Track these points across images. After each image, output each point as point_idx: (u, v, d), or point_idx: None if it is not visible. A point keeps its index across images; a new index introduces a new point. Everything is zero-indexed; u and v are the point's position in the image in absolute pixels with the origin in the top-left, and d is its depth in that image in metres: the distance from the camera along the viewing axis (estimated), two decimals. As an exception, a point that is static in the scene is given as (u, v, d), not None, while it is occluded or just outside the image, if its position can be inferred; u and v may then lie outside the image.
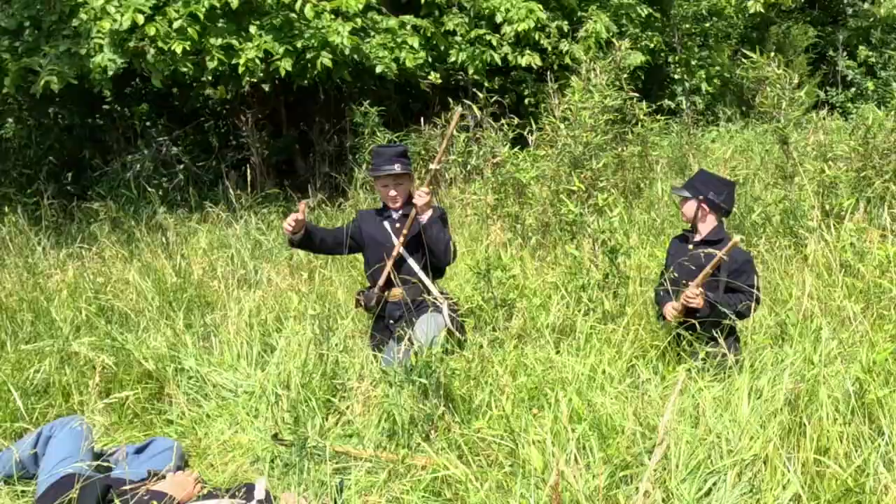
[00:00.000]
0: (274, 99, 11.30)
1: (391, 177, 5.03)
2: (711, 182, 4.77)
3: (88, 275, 6.57)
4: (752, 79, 7.92)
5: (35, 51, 8.52)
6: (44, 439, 3.86)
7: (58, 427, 3.89)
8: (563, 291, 5.54)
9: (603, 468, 3.28)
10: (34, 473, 3.84)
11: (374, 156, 5.12)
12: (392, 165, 4.98)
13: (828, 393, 3.63)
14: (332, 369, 4.62)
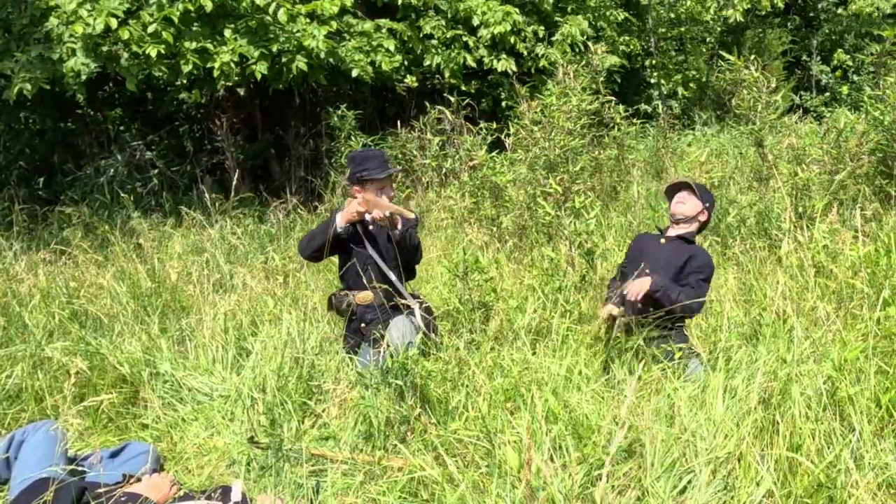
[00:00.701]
0: (249, 103, 11.25)
1: (388, 178, 5.03)
2: (710, 194, 5.04)
3: (61, 279, 6.51)
4: (729, 82, 7.99)
5: (5, 55, 8.44)
6: (16, 444, 3.81)
7: (31, 431, 3.84)
8: (540, 293, 5.55)
9: (578, 467, 3.29)
10: (6, 478, 3.80)
11: (362, 160, 5.02)
12: (388, 168, 5.00)
13: (800, 391, 3.67)
14: (307, 372, 4.61)
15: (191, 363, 5.08)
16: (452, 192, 8.48)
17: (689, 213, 4.86)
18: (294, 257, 7.20)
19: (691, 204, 4.87)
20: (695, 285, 4.63)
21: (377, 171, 4.95)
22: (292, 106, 11.41)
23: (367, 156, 5.05)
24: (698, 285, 4.64)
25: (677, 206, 4.90)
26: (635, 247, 5.07)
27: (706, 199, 4.93)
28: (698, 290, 4.61)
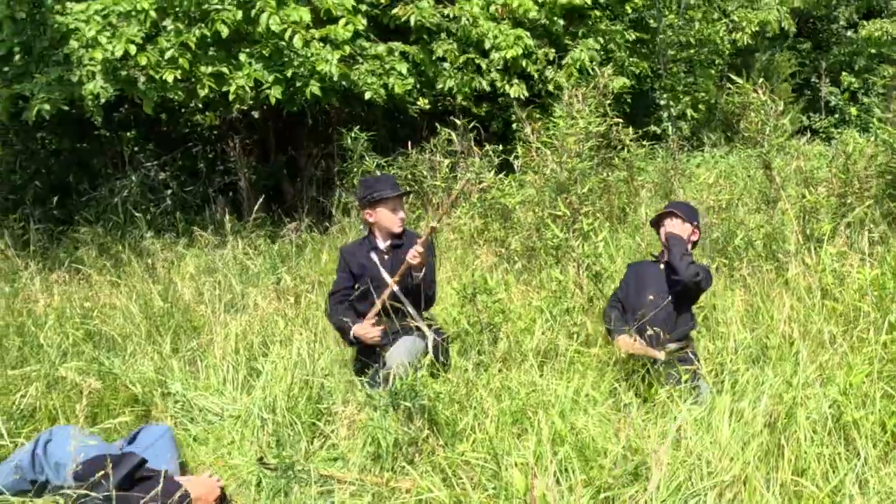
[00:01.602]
0: (262, 124, 11.36)
1: (398, 199, 5.13)
2: (696, 210, 5.14)
3: (75, 300, 6.59)
4: (737, 105, 8.01)
5: (25, 76, 8.56)
6: (42, 442, 3.95)
7: (56, 432, 4.03)
8: (548, 315, 5.59)
9: (584, 490, 3.31)
10: (32, 479, 3.92)
11: (373, 182, 5.18)
12: (398, 188, 5.15)
13: (806, 415, 3.68)
14: (317, 393, 4.65)
15: (202, 383, 5.15)
16: (462, 214, 8.54)
17: (684, 234, 4.90)
18: (305, 278, 7.26)
19: (680, 228, 4.91)
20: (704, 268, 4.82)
21: (389, 190, 5.06)
22: (305, 127, 11.50)
23: (379, 179, 5.28)
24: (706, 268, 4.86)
25: (670, 232, 4.94)
26: (633, 276, 5.11)
27: (693, 219, 5.00)
28: (699, 265, 4.81)
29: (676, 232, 4.87)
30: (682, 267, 4.67)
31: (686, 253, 4.75)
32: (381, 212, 5.13)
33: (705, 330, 5.47)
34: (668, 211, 5.01)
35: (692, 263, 4.73)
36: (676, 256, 4.71)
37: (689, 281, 4.66)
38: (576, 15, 11.65)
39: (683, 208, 5.06)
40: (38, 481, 3.93)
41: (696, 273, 4.66)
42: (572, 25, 11.61)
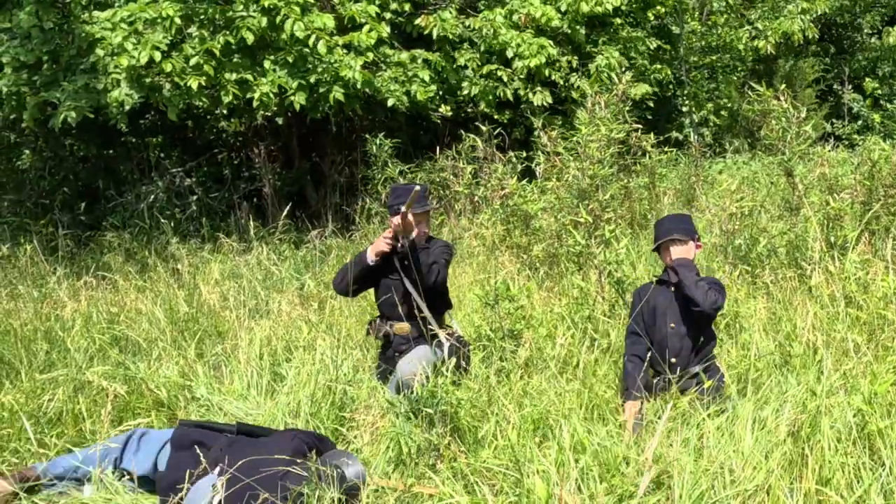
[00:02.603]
0: (286, 131, 11.44)
1: (425, 214, 5.15)
2: (690, 220, 4.95)
3: (102, 304, 6.67)
4: (758, 112, 7.99)
5: (53, 84, 8.69)
6: (136, 437, 4.24)
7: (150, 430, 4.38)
8: (570, 322, 5.59)
9: (606, 498, 3.31)
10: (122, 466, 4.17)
11: (402, 192, 5.07)
12: (427, 204, 5.16)
13: (830, 424, 3.65)
14: (340, 399, 4.68)
15: (226, 388, 5.18)
16: (484, 220, 8.56)
17: (690, 256, 4.72)
18: (329, 284, 7.30)
19: (686, 248, 4.71)
20: (714, 287, 4.59)
21: (420, 207, 5.03)
22: (329, 134, 11.58)
23: (407, 188, 5.12)
24: (715, 286, 4.60)
25: (677, 258, 4.73)
26: (646, 307, 4.83)
27: (692, 234, 4.78)
28: (714, 289, 4.56)
29: (681, 256, 4.69)
30: (699, 297, 4.47)
31: (698, 278, 4.59)
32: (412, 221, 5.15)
33: (727, 337, 5.45)
34: (668, 239, 4.78)
35: (711, 287, 4.54)
36: (691, 286, 4.52)
37: (709, 310, 4.49)
38: (597, 23, 11.67)
39: (681, 228, 4.79)
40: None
41: (714, 301, 4.48)
42: (594, 33, 11.62)
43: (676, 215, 5.09)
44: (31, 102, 8.61)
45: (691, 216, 5.15)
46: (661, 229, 4.83)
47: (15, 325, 5.98)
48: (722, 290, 4.63)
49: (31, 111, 8.65)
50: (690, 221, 4.92)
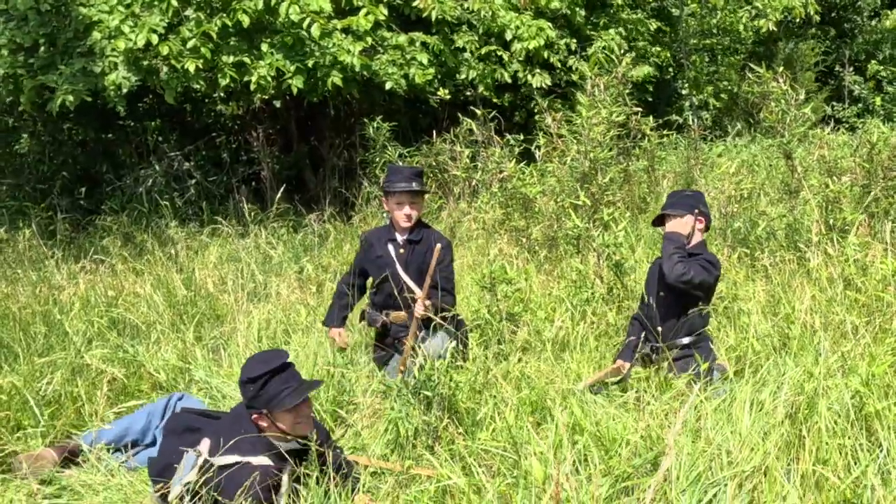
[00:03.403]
0: (285, 114, 11.41)
1: (407, 194, 5.08)
2: (694, 197, 4.95)
3: (100, 288, 6.67)
4: (758, 94, 7.96)
5: (50, 67, 8.66)
6: (175, 400, 4.42)
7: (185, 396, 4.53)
8: (568, 305, 5.60)
9: (603, 479, 3.32)
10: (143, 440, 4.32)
11: (390, 172, 5.17)
12: (410, 183, 5.05)
13: (827, 405, 3.65)
14: (338, 382, 4.69)
15: (225, 371, 5.19)
16: (483, 203, 8.55)
17: (686, 231, 4.75)
18: (328, 267, 7.31)
19: (683, 221, 4.77)
20: (690, 263, 4.60)
21: (398, 185, 5.06)
22: (327, 117, 11.54)
23: (395, 169, 5.19)
24: (692, 264, 4.60)
25: (672, 230, 4.78)
26: (648, 274, 5.06)
27: (691, 207, 4.80)
28: (689, 264, 4.57)
29: (672, 229, 4.74)
30: (667, 268, 4.55)
31: (676, 251, 4.60)
32: (391, 203, 5.15)
33: (726, 320, 5.45)
34: (662, 214, 4.90)
35: (681, 261, 4.56)
36: (665, 258, 4.62)
37: (673, 282, 4.54)
38: (597, 4, 11.62)
39: (680, 204, 4.84)
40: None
41: (681, 273, 4.50)
42: (593, 15, 11.58)
43: (681, 191, 5.12)
44: (27, 85, 8.58)
45: (703, 194, 5.13)
46: (665, 203, 4.95)
47: (13, 308, 5.99)
48: (707, 267, 4.63)
49: (29, 94, 8.62)
50: (694, 198, 4.92)
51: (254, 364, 3.58)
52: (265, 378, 3.51)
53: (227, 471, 3.43)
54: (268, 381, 3.51)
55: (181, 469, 3.54)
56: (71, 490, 3.96)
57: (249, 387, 3.53)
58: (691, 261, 4.61)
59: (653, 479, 3.44)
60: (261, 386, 3.50)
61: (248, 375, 3.53)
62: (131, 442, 4.28)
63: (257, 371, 3.52)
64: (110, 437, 4.25)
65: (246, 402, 3.58)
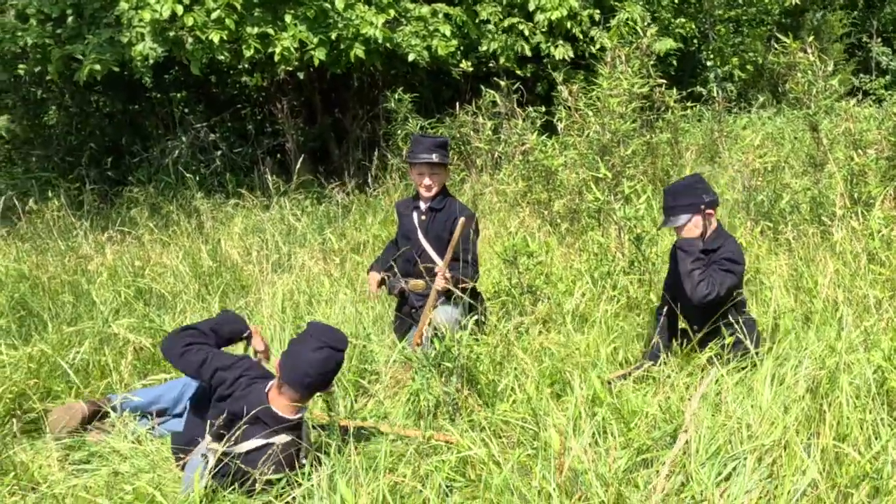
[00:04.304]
0: (309, 86, 11.43)
1: (427, 165, 5.11)
2: (693, 189, 4.49)
3: (128, 258, 6.75)
4: (784, 65, 7.87)
5: (77, 38, 8.71)
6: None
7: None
8: (588, 278, 5.61)
9: (622, 452, 3.34)
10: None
11: (413, 143, 5.21)
12: (430, 154, 5.07)
13: (849, 380, 3.63)
14: (360, 352, 4.74)
15: (250, 341, 5.26)
16: (505, 176, 8.55)
17: (699, 232, 4.44)
18: (351, 239, 7.35)
19: (693, 222, 4.43)
20: (713, 273, 4.31)
21: (419, 156, 5.10)
22: (350, 89, 11.55)
23: (417, 140, 5.22)
24: (715, 275, 4.30)
25: (685, 236, 4.46)
26: (670, 260, 4.72)
27: (695, 206, 4.41)
28: (712, 279, 4.27)
29: (685, 237, 4.43)
30: (688, 289, 4.27)
31: (694, 267, 4.30)
32: (413, 174, 5.23)
33: (748, 293, 5.43)
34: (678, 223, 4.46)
35: (702, 279, 4.25)
36: (684, 275, 4.31)
37: (699, 303, 4.27)
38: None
39: (684, 208, 4.44)
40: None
41: (705, 294, 4.21)
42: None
43: (677, 188, 4.58)
44: (55, 55, 8.64)
45: (699, 178, 4.66)
46: (664, 207, 4.55)
47: (43, 278, 6.07)
48: (731, 269, 4.33)
49: (56, 64, 8.68)
50: (693, 190, 4.47)
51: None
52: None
53: (252, 454, 3.51)
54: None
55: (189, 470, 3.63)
56: (99, 455, 4.04)
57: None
58: (713, 270, 4.32)
59: (671, 452, 3.50)
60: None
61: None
62: (161, 410, 4.35)
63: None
64: (140, 403, 4.33)
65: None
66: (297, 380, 3.58)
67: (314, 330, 3.69)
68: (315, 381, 3.60)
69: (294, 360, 3.61)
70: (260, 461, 3.46)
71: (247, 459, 3.50)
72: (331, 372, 3.64)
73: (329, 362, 3.60)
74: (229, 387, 3.73)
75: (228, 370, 3.82)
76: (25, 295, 5.74)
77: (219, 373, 3.81)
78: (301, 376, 3.57)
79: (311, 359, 3.57)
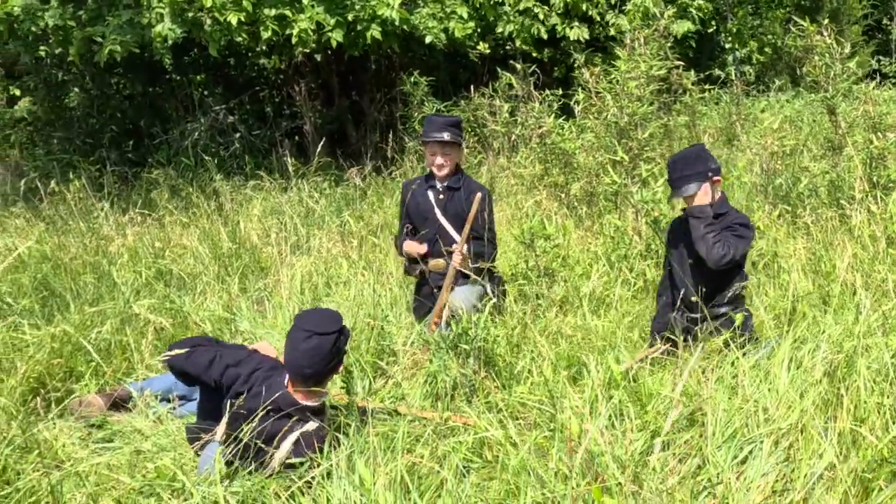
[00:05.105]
0: (326, 69, 11.44)
1: (439, 144, 5.13)
2: (699, 159, 4.48)
3: (148, 239, 6.81)
4: (802, 48, 7.80)
5: (98, 20, 8.75)
6: None
7: None
8: (605, 261, 5.62)
9: (638, 434, 3.36)
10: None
11: (426, 123, 5.21)
12: (441, 133, 5.08)
13: (866, 364, 3.62)
14: (378, 334, 4.77)
15: (269, 322, 5.31)
16: (522, 159, 8.55)
17: (709, 199, 4.42)
18: (368, 222, 7.38)
19: (702, 191, 4.40)
20: (726, 237, 4.34)
21: (430, 135, 5.13)
22: (368, 72, 11.56)
23: (430, 119, 5.22)
24: (729, 239, 4.33)
25: (696, 204, 4.43)
26: (670, 236, 4.77)
27: (703, 174, 4.41)
28: (727, 242, 4.30)
29: (695, 204, 4.40)
30: (704, 251, 4.28)
31: (708, 230, 4.32)
32: (427, 153, 5.26)
33: (766, 277, 5.43)
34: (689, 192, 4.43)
35: (717, 240, 4.29)
36: (698, 240, 4.33)
37: (716, 266, 4.29)
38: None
39: (691, 177, 4.42)
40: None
41: (722, 255, 4.24)
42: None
43: (683, 158, 4.55)
44: (76, 37, 8.68)
45: (702, 147, 4.63)
46: (671, 179, 4.54)
47: (65, 259, 6.14)
48: (743, 234, 4.38)
49: (77, 46, 8.73)
50: (699, 160, 4.47)
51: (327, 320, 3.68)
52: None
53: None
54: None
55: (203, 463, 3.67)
56: (121, 434, 4.10)
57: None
58: (726, 234, 4.35)
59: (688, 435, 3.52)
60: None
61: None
62: (179, 395, 4.41)
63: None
64: (157, 388, 4.38)
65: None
66: (296, 372, 3.61)
67: (299, 320, 3.68)
68: (315, 370, 3.59)
69: (289, 354, 3.64)
70: (296, 452, 3.50)
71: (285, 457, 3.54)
72: (326, 357, 3.59)
73: (319, 350, 3.57)
74: (244, 382, 3.72)
75: (240, 366, 3.82)
76: (48, 275, 5.81)
77: (230, 370, 3.80)
78: (298, 368, 3.59)
79: (302, 350, 3.57)
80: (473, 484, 3.36)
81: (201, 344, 3.98)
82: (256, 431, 3.47)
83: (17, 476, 3.43)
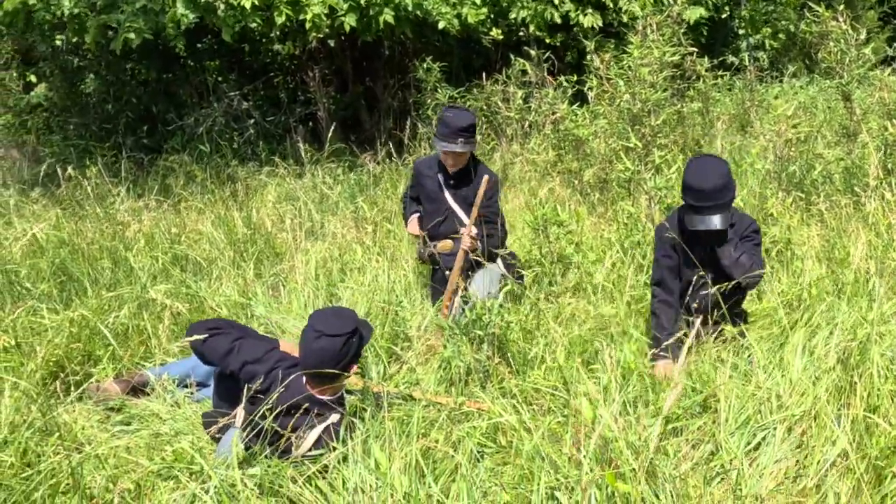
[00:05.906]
0: (340, 54, 11.44)
1: (450, 152, 5.08)
2: (726, 187, 4.12)
3: (164, 225, 6.86)
4: (816, 34, 7.76)
5: (113, 7, 8.78)
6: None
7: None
8: (619, 248, 5.63)
9: (652, 420, 3.39)
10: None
11: (440, 123, 5.09)
12: (454, 143, 4.97)
13: (880, 352, 3.62)
14: (392, 319, 4.81)
15: (284, 307, 5.36)
16: (535, 145, 8.54)
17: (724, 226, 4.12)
18: (383, 208, 7.41)
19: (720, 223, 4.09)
20: (752, 252, 4.19)
21: (441, 143, 5.02)
22: (381, 58, 11.55)
23: (445, 121, 5.04)
24: (754, 251, 4.21)
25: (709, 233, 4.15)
26: (676, 241, 4.29)
27: (731, 201, 4.14)
28: (756, 256, 4.17)
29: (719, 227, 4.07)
30: (739, 274, 4.11)
31: (738, 254, 4.14)
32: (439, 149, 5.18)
33: (779, 265, 5.44)
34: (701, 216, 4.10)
35: (746, 261, 4.11)
36: (731, 265, 4.14)
37: (755, 285, 4.22)
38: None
39: (722, 206, 4.08)
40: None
41: (760, 274, 4.13)
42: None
43: (715, 187, 4.07)
44: (92, 24, 8.71)
45: (727, 168, 4.21)
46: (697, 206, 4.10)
47: (82, 244, 6.19)
48: (758, 246, 4.21)
49: (93, 34, 8.75)
50: (727, 189, 4.12)
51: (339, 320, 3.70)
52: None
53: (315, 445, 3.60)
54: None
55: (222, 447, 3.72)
56: (139, 417, 4.16)
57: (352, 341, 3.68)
58: (748, 247, 4.18)
59: (700, 422, 3.54)
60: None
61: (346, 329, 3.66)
62: (195, 381, 4.46)
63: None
64: (175, 373, 4.42)
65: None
66: (307, 370, 3.66)
67: (312, 319, 3.72)
68: (324, 370, 3.62)
69: (301, 351, 3.69)
70: (319, 445, 3.55)
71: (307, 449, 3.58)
72: (334, 358, 3.61)
73: (328, 351, 3.60)
74: (264, 380, 3.73)
75: (259, 363, 3.85)
76: (66, 260, 5.86)
77: (248, 366, 3.84)
78: (308, 367, 3.64)
79: (312, 349, 3.62)
80: (487, 468, 3.39)
81: (220, 327, 4.02)
82: (277, 426, 3.53)
83: (38, 458, 3.49)
